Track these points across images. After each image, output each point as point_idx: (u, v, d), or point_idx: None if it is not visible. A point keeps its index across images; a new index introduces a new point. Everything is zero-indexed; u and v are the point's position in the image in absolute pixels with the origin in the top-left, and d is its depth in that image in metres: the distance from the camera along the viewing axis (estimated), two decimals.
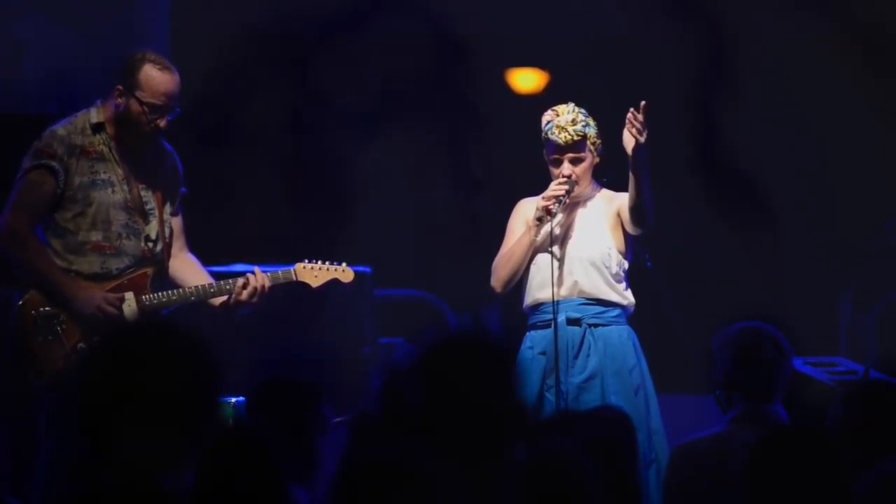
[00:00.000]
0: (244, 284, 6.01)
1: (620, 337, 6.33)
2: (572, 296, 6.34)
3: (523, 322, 6.45)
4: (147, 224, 6.00)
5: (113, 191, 5.94)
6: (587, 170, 6.42)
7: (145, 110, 5.89)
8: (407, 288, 8.77)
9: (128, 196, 5.96)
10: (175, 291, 5.98)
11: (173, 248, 6.09)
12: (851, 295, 8.89)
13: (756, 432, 4.17)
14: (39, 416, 5.84)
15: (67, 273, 5.87)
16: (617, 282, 6.37)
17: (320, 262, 6.19)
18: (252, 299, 6.02)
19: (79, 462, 5.19)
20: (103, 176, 5.94)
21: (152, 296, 5.94)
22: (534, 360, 6.28)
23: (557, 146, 6.38)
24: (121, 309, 5.86)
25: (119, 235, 5.94)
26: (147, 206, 6.01)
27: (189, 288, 5.99)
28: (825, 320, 8.92)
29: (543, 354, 6.29)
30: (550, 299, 6.30)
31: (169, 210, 6.08)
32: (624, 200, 6.31)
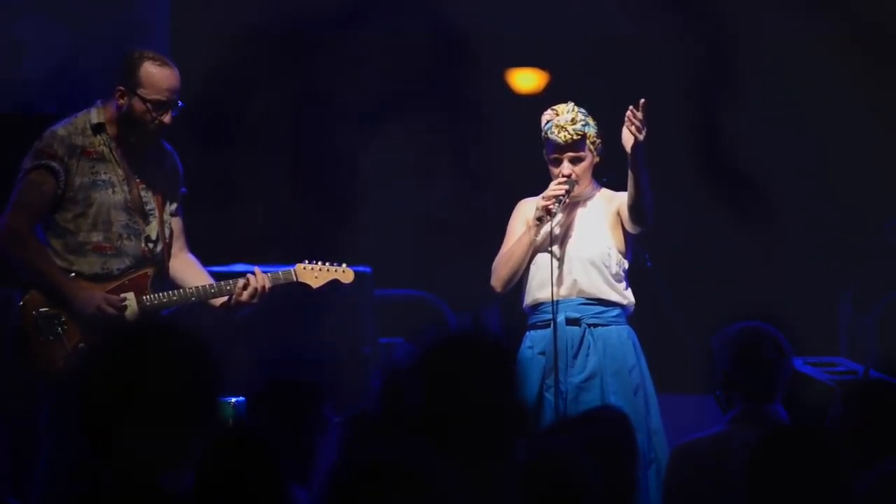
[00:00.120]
0: (245, 285, 6.01)
1: (620, 337, 6.33)
2: (572, 295, 6.34)
3: (523, 322, 6.45)
4: (147, 224, 6.00)
5: (113, 191, 5.94)
6: (587, 169, 6.41)
7: (149, 108, 5.90)
8: (407, 288, 8.76)
9: (128, 197, 5.96)
10: (176, 292, 5.98)
11: (173, 249, 6.09)
12: (851, 295, 8.89)
13: (756, 432, 4.17)
14: (40, 416, 5.84)
15: (68, 273, 5.87)
16: (617, 281, 6.37)
17: (320, 263, 6.19)
18: (252, 300, 6.02)
19: (79, 462, 5.19)
20: (104, 176, 5.94)
21: (153, 296, 5.94)
22: (533, 360, 6.27)
23: (557, 145, 6.37)
24: (121, 309, 5.86)
25: (119, 236, 5.94)
26: (147, 207, 6.01)
27: (190, 288, 5.99)
28: (825, 320, 8.91)
29: (543, 354, 6.29)
30: (550, 299, 6.30)
31: (169, 210, 6.08)
32: (624, 199, 6.31)
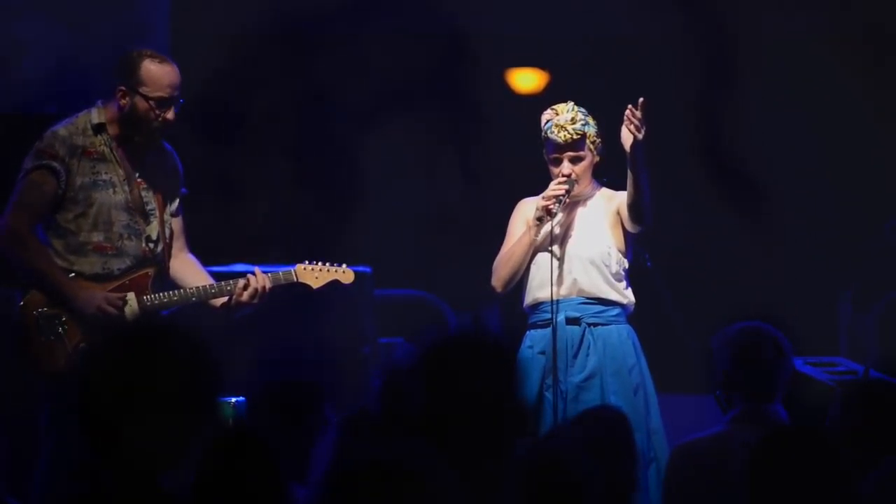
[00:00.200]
0: (245, 285, 6.01)
1: (620, 336, 6.33)
2: (572, 295, 6.34)
3: (523, 322, 6.45)
4: (148, 224, 6.00)
5: (114, 191, 5.94)
6: (587, 169, 6.41)
7: (152, 105, 5.90)
8: (407, 288, 8.76)
9: (129, 197, 5.97)
10: (176, 292, 5.99)
11: (173, 249, 6.09)
12: (851, 295, 8.88)
13: (756, 432, 4.17)
14: (40, 416, 5.84)
15: (68, 273, 5.87)
16: (617, 280, 6.37)
17: (321, 263, 6.19)
18: (253, 300, 6.02)
19: (79, 462, 5.19)
20: (104, 176, 5.94)
21: (154, 296, 5.94)
22: (533, 360, 6.27)
23: (557, 145, 6.37)
24: (122, 309, 5.86)
25: (120, 236, 5.94)
26: (148, 207, 6.01)
27: (190, 289, 5.99)
28: (825, 320, 8.91)
29: (543, 354, 6.29)
30: (550, 298, 6.30)
31: (169, 210, 6.08)
32: (623, 198, 6.31)
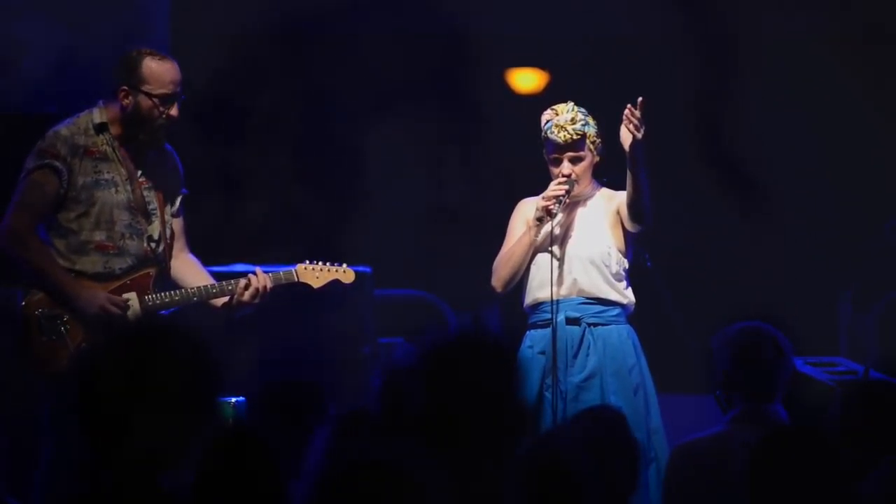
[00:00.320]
0: (246, 285, 6.02)
1: (620, 336, 6.32)
2: (572, 295, 6.34)
3: (523, 322, 6.45)
4: (150, 224, 6.00)
5: (116, 191, 5.94)
6: (587, 169, 6.41)
7: (156, 103, 5.91)
8: (407, 288, 8.76)
9: (131, 196, 5.97)
10: (178, 292, 5.99)
11: (174, 249, 6.09)
12: (851, 295, 8.88)
13: (756, 432, 4.17)
14: (41, 416, 5.84)
15: (70, 273, 5.87)
16: (617, 280, 6.37)
17: (321, 263, 6.20)
18: (254, 300, 6.03)
19: (79, 462, 5.19)
20: (107, 176, 5.94)
21: (155, 296, 5.94)
22: (533, 360, 6.27)
23: (557, 145, 6.37)
24: (124, 309, 5.86)
25: (122, 235, 5.94)
26: (150, 207, 6.01)
27: (192, 288, 5.99)
28: (825, 320, 8.91)
29: (543, 354, 6.29)
30: (550, 299, 6.30)
31: (170, 211, 6.08)
32: (623, 198, 6.30)
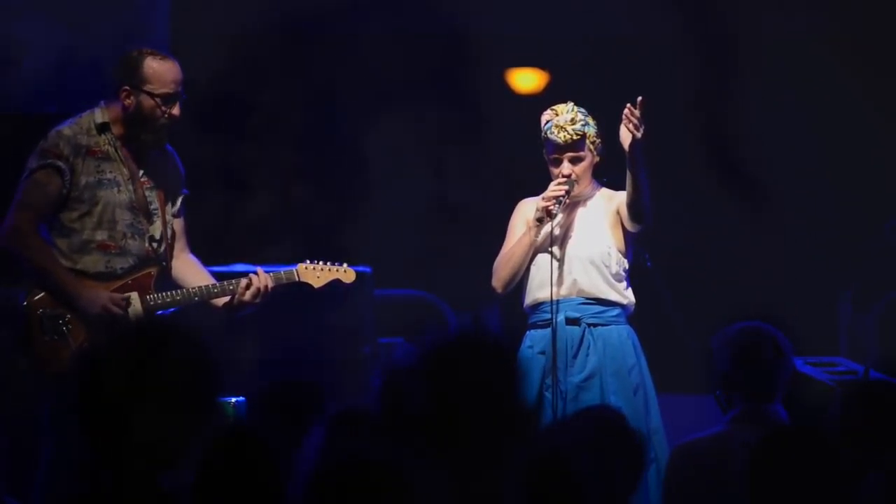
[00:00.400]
0: (247, 285, 6.02)
1: (620, 336, 6.32)
2: (572, 295, 6.34)
3: (523, 322, 6.45)
4: (151, 224, 6.01)
5: (118, 190, 5.94)
6: (587, 169, 6.41)
7: (158, 102, 5.92)
8: (407, 288, 8.76)
9: (133, 196, 5.97)
10: (179, 292, 5.99)
11: (175, 249, 6.10)
12: (851, 295, 8.88)
13: (756, 432, 4.17)
14: (43, 416, 5.84)
15: (72, 272, 5.87)
16: (617, 281, 6.37)
17: (322, 263, 6.20)
18: (255, 300, 6.03)
19: (79, 462, 5.19)
20: (109, 175, 5.94)
21: (156, 296, 5.95)
22: (533, 360, 6.27)
23: (557, 145, 6.37)
24: (126, 309, 5.86)
25: (124, 235, 5.94)
26: (151, 207, 6.02)
27: (193, 288, 6.00)
28: (825, 320, 8.91)
29: (543, 354, 6.29)
30: (550, 299, 6.30)
31: (171, 211, 6.09)
32: (623, 198, 6.30)
